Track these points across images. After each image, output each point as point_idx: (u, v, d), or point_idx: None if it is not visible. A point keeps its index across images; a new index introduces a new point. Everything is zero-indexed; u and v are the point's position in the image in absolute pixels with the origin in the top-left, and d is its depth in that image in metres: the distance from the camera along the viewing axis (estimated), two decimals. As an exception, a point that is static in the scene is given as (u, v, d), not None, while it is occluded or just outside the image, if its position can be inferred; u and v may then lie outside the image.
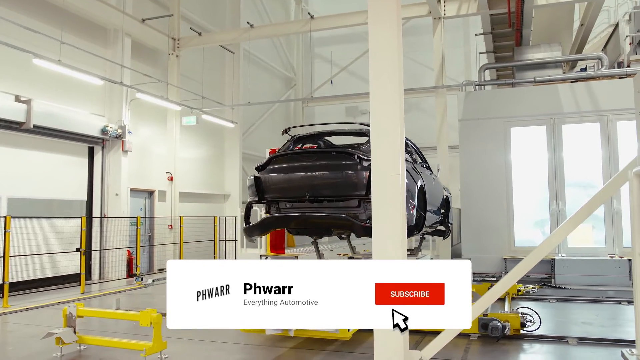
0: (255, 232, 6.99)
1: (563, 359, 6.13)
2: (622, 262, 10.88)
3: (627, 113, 11.01)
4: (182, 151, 17.42)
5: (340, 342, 6.71)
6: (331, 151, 6.59)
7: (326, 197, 6.18)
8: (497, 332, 6.55)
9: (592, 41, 18.85)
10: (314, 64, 26.25)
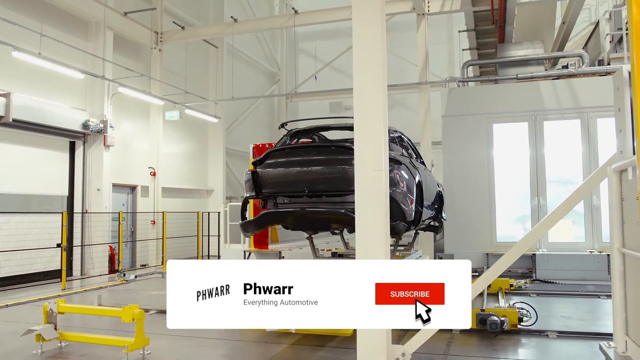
0: (252, 227, 6.88)
1: (542, 352, 6.21)
2: (601, 257, 11.05)
3: (606, 110, 11.16)
4: (165, 146, 17.29)
5: (341, 338, 6.68)
6: (330, 145, 6.53)
7: (325, 192, 6.13)
8: (496, 327, 6.58)
9: (574, 39, 19.06)
10: (298, 59, 26.19)
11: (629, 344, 3.90)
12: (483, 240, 12.43)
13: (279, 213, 6.52)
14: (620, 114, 4.14)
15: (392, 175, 6.04)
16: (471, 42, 16.57)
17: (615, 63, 12.79)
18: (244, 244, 14.76)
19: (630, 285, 3.90)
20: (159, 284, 12.23)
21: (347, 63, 22.34)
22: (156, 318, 8.29)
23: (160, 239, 15.58)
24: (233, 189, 21.72)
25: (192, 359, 6.03)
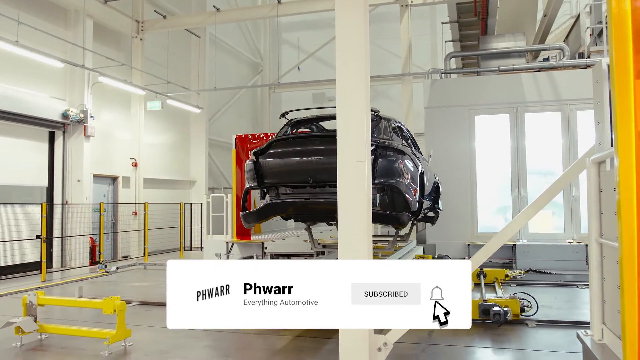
0: (254, 218, 6.77)
1: (521, 341, 6.31)
2: (580, 247, 11.23)
3: (586, 103, 11.29)
4: (147, 136, 17.12)
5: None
6: (334, 135, 6.48)
7: (329, 183, 6.04)
8: (500, 318, 6.60)
9: (555, 32, 19.24)
10: (281, 50, 26.05)
11: (605, 331, 3.98)
12: (464, 231, 12.56)
13: (282, 204, 6.42)
14: (599, 106, 4.20)
15: (397, 166, 6.04)
16: (454, 34, 16.64)
17: (595, 56, 12.94)
18: (226, 235, 14.73)
19: (607, 274, 3.98)
20: (141, 276, 12.16)
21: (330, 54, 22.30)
22: (138, 310, 8.25)
23: (142, 230, 15.47)
24: (215, 180, 21.63)
25: (175, 350, 6.01)
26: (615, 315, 3.60)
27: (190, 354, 5.88)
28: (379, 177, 5.92)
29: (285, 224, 19.55)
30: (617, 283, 3.19)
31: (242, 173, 14.81)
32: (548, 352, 5.87)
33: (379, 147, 6.03)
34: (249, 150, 14.86)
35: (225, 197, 15.07)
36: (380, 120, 6.85)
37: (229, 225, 14.79)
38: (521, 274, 10.38)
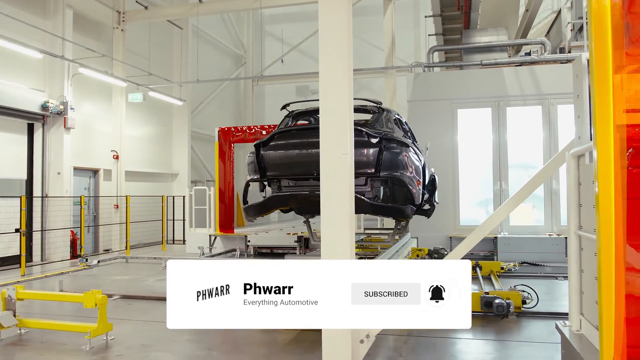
0: (257, 211, 6.66)
1: (501, 332, 6.39)
2: (559, 240, 11.38)
3: (567, 97, 11.42)
4: (129, 129, 16.94)
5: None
6: None
7: None
8: (503, 310, 6.62)
9: (537, 26, 19.40)
10: (264, 42, 25.90)
11: (583, 322, 4.04)
12: (447, 223, 12.65)
13: (286, 196, 6.33)
14: (579, 100, 4.25)
15: (401, 158, 6.02)
16: (437, 27, 16.68)
17: (576, 51, 13.09)
18: (209, 228, 14.71)
19: (585, 266, 4.04)
20: (123, 269, 12.07)
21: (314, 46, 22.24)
22: (120, 303, 8.19)
23: (123, 223, 15.33)
24: (198, 173, 21.51)
25: (157, 343, 5.98)
26: (592, 306, 3.67)
27: (173, 347, 5.86)
28: (384, 169, 5.90)
29: (268, 217, 19.54)
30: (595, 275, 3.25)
31: (224, 166, 14.78)
32: (528, 342, 5.96)
33: (383, 139, 6.00)
34: (232, 143, 14.88)
35: (208, 190, 15.03)
36: (382, 112, 6.84)
37: (211, 218, 14.76)
38: (515, 266, 10.48)
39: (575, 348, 3.77)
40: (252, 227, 16.09)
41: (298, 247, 13.51)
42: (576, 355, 3.71)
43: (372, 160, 5.82)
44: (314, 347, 5.40)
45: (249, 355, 5.49)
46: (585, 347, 3.73)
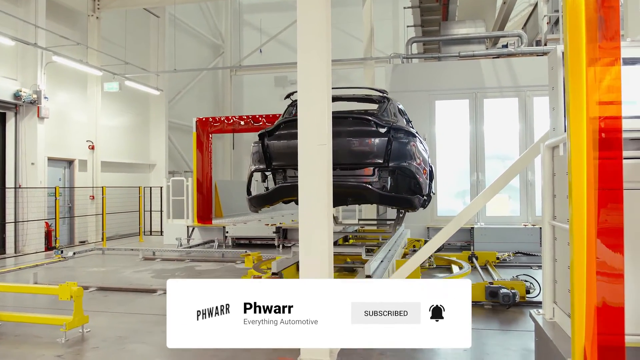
0: (262, 202, 6.56)
1: (477, 321, 6.48)
2: (534, 230, 11.57)
3: (542, 89, 11.55)
4: (104, 119, 16.70)
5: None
6: (348, 117, 6.27)
7: (343, 165, 5.91)
8: (509, 300, 6.61)
9: (514, 19, 19.57)
10: (242, 32, 25.69)
11: (556, 310, 4.13)
12: (424, 214, 12.73)
13: (294, 187, 6.29)
14: (554, 92, 4.30)
15: (409, 148, 5.99)
16: (416, 19, 16.74)
17: (552, 44, 13.26)
18: (187, 219, 14.61)
19: (559, 256, 4.12)
20: (99, 261, 11.93)
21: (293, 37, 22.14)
22: (96, 295, 8.11)
23: (100, 214, 15.14)
24: (176, 164, 21.32)
25: (134, 335, 5.94)
26: (565, 295, 3.74)
27: (150, 339, 5.82)
28: (393, 160, 5.87)
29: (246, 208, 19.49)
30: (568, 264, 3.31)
31: (202, 156, 14.67)
32: (502, 331, 6.06)
33: (391, 129, 5.96)
34: (210, 134, 14.77)
35: (185, 181, 14.91)
36: (388, 101, 6.81)
37: (189, 209, 14.66)
38: (510, 256, 10.59)
39: (548, 336, 3.85)
40: (231, 218, 16.03)
41: (277, 238, 13.51)
42: (549, 343, 3.78)
43: (380, 150, 5.79)
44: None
45: (227, 346, 5.49)
46: (558, 335, 3.81)
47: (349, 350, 5.10)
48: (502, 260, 10.22)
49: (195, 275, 9.89)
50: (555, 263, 4.20)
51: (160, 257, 12.06)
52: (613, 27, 3.00)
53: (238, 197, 18.85)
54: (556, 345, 3.60)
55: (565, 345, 3.50)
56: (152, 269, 10.59)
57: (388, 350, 5.24)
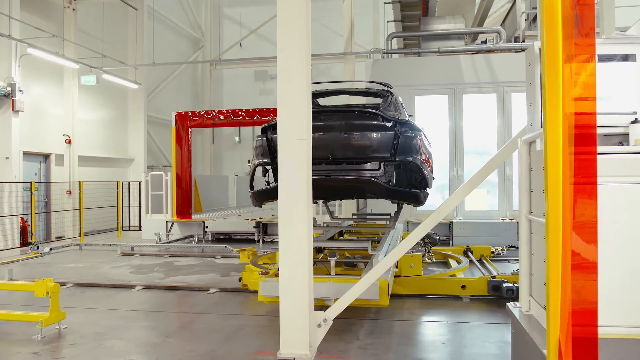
0: (267, 196, 6.42)
1: (454, 314, 6.56)
2: (512, 224, 11.72)
3: (520, 85, 11.61)
4: (81, 112, 16.45)
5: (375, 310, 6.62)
6: (354, 110, 6.21)
7: (349, 159, 5.87)
8: (512, 294, 6.64)
9: (493, 15, 19.75)
10: (222, 25, 25.49)
11: (532, 303, 4.19)
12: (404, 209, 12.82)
13: None
14: (531, 88, 4.35)
15: (415, 142, 5.96)
16: (396, 14, 16.77)
17: (530, 40, 13.39)
18: (166, 214, 14.49)
19: (535, 249, 4.18)
20: (77, 257, 11.78)
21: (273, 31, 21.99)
22: (73, 291, 8.01)
23: (77, 209, 14.94)
24: (155, 158, 21.12)
25: (112, 331, 5.88)
26: (541, 288, 3.80)
27: (128, 334, 5.77)
28: (400, 154, 5.85)
29: (226, 202, 19.42)
30: (544, 257, 3.36)
31: (182, 151, 14.55)
32: (480, 324, 6.14)
33: (398, 123, 5.94)
34: (189, 128, 14.64)
35: (164, 176, 14.77)
36: (392, 95, 6.80)
37: (168, 204, 14.54)
38: (504, 250, 10.69)
39: (524, 328, 3.91)
40: (210, 213, 15.95)
41: (257, 233, 13.48)
42: (525, 335, 3.84)
43: (387, 144, 5.77)
44: (272, 333, 5.42)
45: (206, 341, 5.47)
46: (534, 327, 3.87)
47: (327, 343, 5.12)
48: (496, 255, 10.35)
49: (175, 270, 9.83)
50: (531, 257, 4.27)
51: (139, 253, 11.95)
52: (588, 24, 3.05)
53: (218, 192, 18.77)
54: (532, 337, 3.66)
55: (540, 337, 3.56)
56: (130, 265, 10.49)
57: (368, 345, 5.27)
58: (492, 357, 4.98)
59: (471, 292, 7.15)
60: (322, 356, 4.73)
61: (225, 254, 11.58)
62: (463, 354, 5.09)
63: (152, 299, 7.61)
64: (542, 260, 3.61)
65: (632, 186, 3.49)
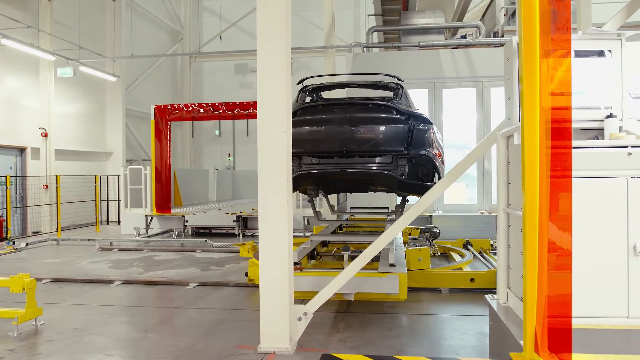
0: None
1: (434, 307, 6.63)
2: (490, 217, 11.85)
3: (499, 80, 11.75)
4: (58, 105, 16.18)
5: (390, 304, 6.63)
6: (369, 103, 6.17)
7: (363, 152, 5.84)
8: None
9: (472, 10, 19.84)
10: (202, 18, 25.24)
11: (509, 295, 4.25)
12: (384, 202, 12.88)
13: (317, 174, 6.03)
14: (509, 82, 4.40)
15: (428, 135, 5.95)
16: (377, 8, 16.78)
17: (509, 35, 13.50)
18: (145, 209, 14.36)
19: (513, 242, 4.23)
20: (54, 252, 11.62)
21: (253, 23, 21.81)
22: (50, 287, 7.90)
23: (54, 204, 14.71)
24: (134, 152, 20.88)
25: (91, 327, 5.82)
26: (518, 280, 3.86)
27: (107, 330, 5.71)
28: (414, 147, 5.84)
29: (206, 197, 19.31)
30: (521, 250, 3.41)
31: (161, 144, 14.40)
32: (459, 316, 6.21)
33: (411, 116, 5.92)
34: (169, 121, 14.51)
35: (144, 170, 14.62)
36: (402, 88, 6.79)
37: (147, 198, 14.40)
38: None
39: (502, 319, 3.96)
40: (190, 207, 15.84)
41: (237, 227, 13.44)
42: (502, 326, 3.90)
43: (401, 137, 5.76)
44: (253, 327, 5.41)
45: (186, 336, 5.44)
46: (511, 318, 3.93)
47: (308, 337, 5.14)
48: (495, 247, 10.43)
49: (154, 265, 9.75)
50: (509, 249, 4.32)
51: (118, 247, 11.83)
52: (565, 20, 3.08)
53: (198, 186, 18.64)
54: (509, 328, 3.71)
55: (517, 328, 3.61)
56: (109, 260, 10.38)
57: (348, 338, 5.30)
58: (469, 349, 5.05)
59: (480, 285, 7.19)
60: (302, 349, 4.75)
61: (206, 248, 11.53)
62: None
63: (131, 294, 7.55)
64: (520, 252, 3.66)
65: (606, 179, 3.55)
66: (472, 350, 5.01)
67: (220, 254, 10.87)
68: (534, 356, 3.09)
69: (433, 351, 4.97)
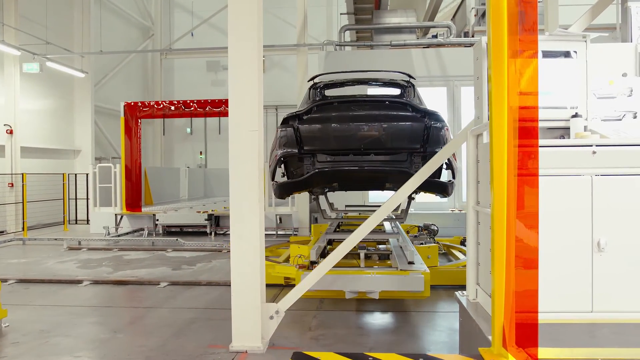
0: (294, 188, 6.27)
1: (402, 303, 6.69)
2: (461, 215, 12.03)
3: (469, 79, 11.92)
4: (24, 101, 15.79)
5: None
6: (385, 101, 6.13)
7: (378, 150, 5.81)
8: None
9: (444, 10, 20.05)
10: (173, 14, 24.93)
11: (479, 291, 4.32)
12: (356, 200, 12.94)
13: (334, 172, 5.94)
14: (478, 82, 4.47)
15: (443, 133, 5.93)
16: (349, 6, 16.82)
17: (479, 35, 13.71)
18: (115, 207, 14.12)
19: (482, 239, 4.30)
20: (19, 252, 11.35)
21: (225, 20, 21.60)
22: (16, 288, 7.72)
23: (20, 203, 14.36)
24: (103, 150, 20.53)
25: (58, 328, 5.70)
26: (487, 276, 3.92)
27: (75, 331, 5.61)
28: (430, 145, 5.82)
29: (177, 195, 19.11)
30: (490, 247, 3.47)
31: (131, 142, 14.18)
32: (430, 312, 6.28)
33: (427, 114, 5.90)
34: (139, 119, 14.29)
35: (113, 168, 14.37)
36: (414, 86, 6.77)
37: (117, 197, 14.17)
38: None
39: (471, 315, 4.03)
40: (161, 206, 15.65)
41: (209, 226, 13.34)
42: (472, 322, 3.96)
43: (418, 135, 5.74)
44: (225, 326, 5.38)
45: (157, 336, 5.38)
46: (480, 314, 4.00)
47: (280, 335, 5.14)
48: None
49: (124, 264, 9.61)
50: (478, 246, 4.39)
51: (87, 247, 11.62)
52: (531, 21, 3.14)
53: (169, 184, 18.44)
54: (478, 324, 3.77)
55: (486, 324, 3.67)
56: (77, 259, 10.19)
57: (320, 335, 5.31)
58: (441, 345, 5.11)
59: None
60: (274, 348, 4.74)
61: (177, 247, 11.41)
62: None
63: (100, 294, 7.43)
64: (488, 249, 3.73)
65: (572, 177, 3.64)
66: (443, 346, 5.08)
67: (192, 253, 10.77)
68: (502, 351, 3.15)
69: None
